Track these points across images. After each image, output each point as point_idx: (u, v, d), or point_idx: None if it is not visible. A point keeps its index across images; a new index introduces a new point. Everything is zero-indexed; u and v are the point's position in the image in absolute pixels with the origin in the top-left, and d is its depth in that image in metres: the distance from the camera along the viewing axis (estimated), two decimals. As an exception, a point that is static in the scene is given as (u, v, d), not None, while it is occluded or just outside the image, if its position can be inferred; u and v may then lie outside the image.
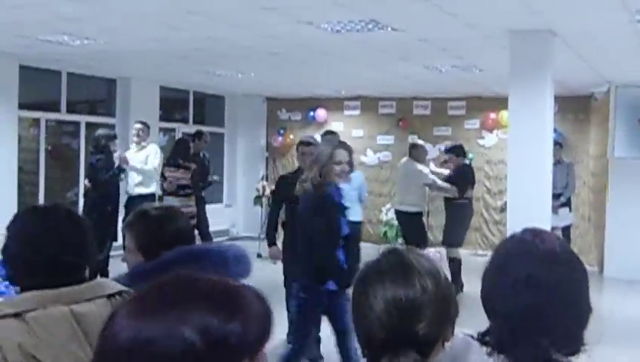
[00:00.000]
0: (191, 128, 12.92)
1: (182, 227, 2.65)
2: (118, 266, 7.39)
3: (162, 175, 9.63)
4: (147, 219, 2.65)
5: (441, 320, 1.50)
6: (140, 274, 2.31)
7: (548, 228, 7.66)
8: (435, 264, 1.56)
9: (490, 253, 1.80)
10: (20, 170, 10.61)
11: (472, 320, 2.00)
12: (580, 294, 1.69)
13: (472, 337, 1.71)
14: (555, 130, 8.47)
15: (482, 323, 1.75)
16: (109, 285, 2.05)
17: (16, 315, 1.83)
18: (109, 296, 1.99)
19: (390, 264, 1.52)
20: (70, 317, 1.85)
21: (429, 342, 1.47)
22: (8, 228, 2.05)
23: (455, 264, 9.27)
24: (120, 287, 2.06)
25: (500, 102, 10.91)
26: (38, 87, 11.32)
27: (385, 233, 13.25)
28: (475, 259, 11.05)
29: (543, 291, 1.63)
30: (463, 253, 9.93)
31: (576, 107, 12.36)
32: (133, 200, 9.39)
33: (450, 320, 1.54)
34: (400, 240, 11.24)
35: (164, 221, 2.63)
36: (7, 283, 2.03)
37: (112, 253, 8.77)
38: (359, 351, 1.52)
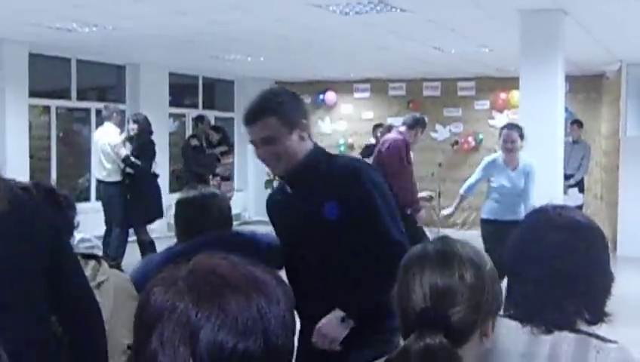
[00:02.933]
0: (201, 113, 12.92)
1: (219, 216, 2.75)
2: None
3: (217, 160, 9.70)
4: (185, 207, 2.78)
5: (478, 310, 1.50)
6: (174, 255, 2.34)
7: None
8: (483, 255, 1.59)
9: None
10: (32, 157, 10.66)
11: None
12: (604, 261, 1.79)
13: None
14: (566, 110, 8.41)
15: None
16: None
17: None
18: (83, 256, 2.14)
19: (434, 250, 1.57)
20: None
21: (462, 330, 1.48)
22: None
23: None
24: (90, 252, 2.25)
25: (511, 82, 10.84)
26: (48, 74, 11.34)
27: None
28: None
29: (572, 257, 1.73)
30: (474, 233, 9.89)
31: (588, 86, 12.28)
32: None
33: (490, 313, 1.54)
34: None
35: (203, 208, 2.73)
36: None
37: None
38: None
